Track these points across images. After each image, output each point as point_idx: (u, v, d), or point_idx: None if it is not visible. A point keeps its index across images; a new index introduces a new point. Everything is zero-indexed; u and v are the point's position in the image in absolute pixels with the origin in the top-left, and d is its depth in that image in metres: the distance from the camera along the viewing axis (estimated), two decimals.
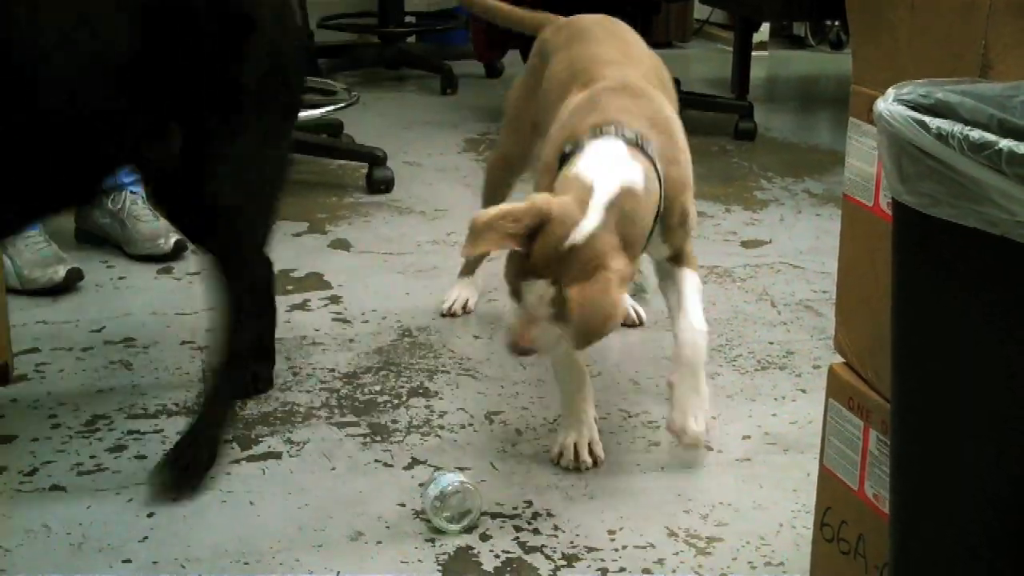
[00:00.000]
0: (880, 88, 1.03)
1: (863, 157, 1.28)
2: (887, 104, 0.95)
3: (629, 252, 1.64)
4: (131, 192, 2.75)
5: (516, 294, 1.66)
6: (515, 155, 2.25)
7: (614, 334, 2.33)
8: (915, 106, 0.95)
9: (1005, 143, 0.84)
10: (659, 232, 1.77)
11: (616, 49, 2.00)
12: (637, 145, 1.71)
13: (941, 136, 0.88)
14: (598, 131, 1.72)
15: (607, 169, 1.67)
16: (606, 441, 1.91)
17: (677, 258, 1.87)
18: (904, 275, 0.99)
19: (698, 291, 1.88)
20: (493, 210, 1.65)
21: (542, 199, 1.64)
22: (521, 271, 1.64)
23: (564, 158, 1.74)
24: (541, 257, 1.61)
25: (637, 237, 1.67)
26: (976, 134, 0.86)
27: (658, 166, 1.73)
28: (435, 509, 1.63)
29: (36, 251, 2.51)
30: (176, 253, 2.69)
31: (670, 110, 1.88)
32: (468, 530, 1.64)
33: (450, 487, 1.64)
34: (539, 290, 1.62)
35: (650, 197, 1.70)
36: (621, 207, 1.64)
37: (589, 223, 1.61)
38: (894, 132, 0.93)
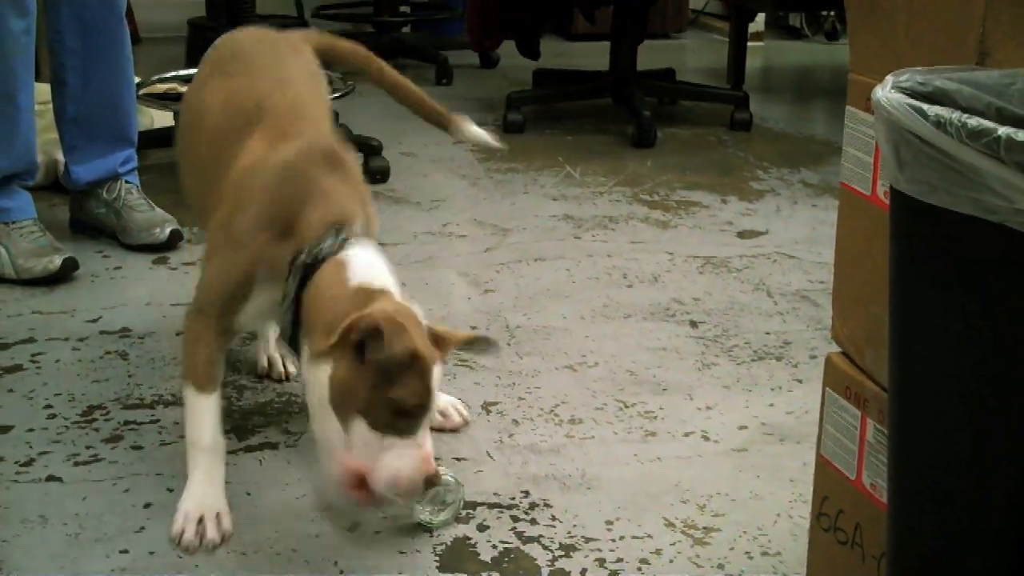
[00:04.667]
0: (878, 76, 1.02)
1: (860, 146, 1.27)
2: (885, 92, 0.95)
3: None
4: (126, 182, 2.75)
5: (400, 415, 1.47)
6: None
7: (610, 325, 2.33)
8: (913, 94, 0.95)
9: (1003, 130, 0.84)
10: None
11: (288, 81, 1.81)
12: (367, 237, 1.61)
13: (939, 123, 0.88)
14: (338, 233, 1.56)
15: (384, 275, 1.56)
16: (603, 432, 1.91)
17: None
18: (901, 263, 0.99)
19: None
20: (394, 325, 1.44)
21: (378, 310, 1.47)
22: (416, 380, 1.46)
23: (308, 268, 1.55)
24: (428, 348, 1.48)
25: None
26: (974, 121, 0.86)
27: None
28: (417, 502, 1.61)
29: (32, 241, 2.50)
30: (172, 243, 2.68)
31: (355, 161, 1.75)
32: (448, 523, 1.63)
33: None
34: (438, 379, 1.50)
35: None
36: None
37: (409, 304, 1.53)
38: (892, 120, 0.93)
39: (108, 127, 2.70)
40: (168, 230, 2.68)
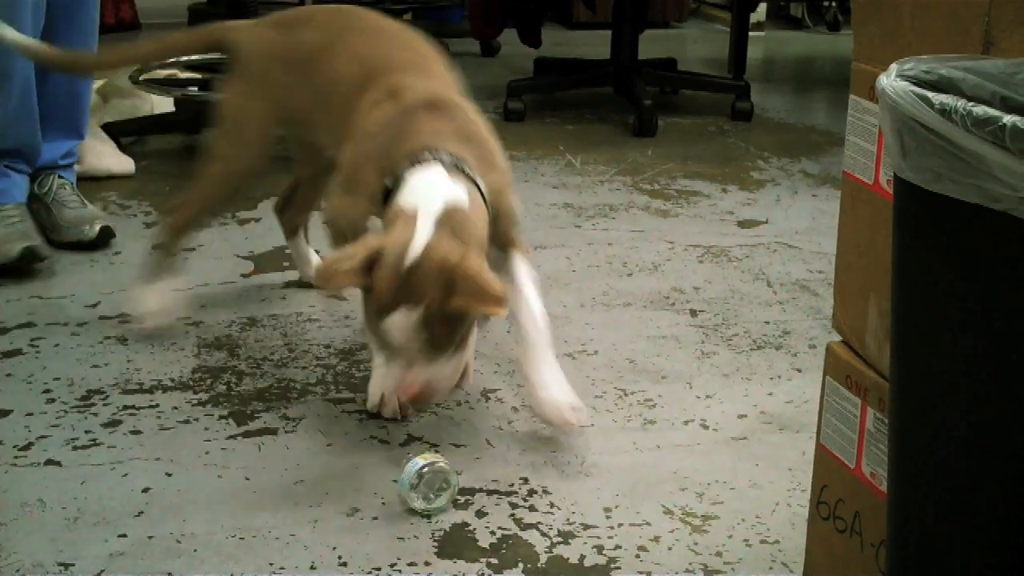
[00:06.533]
0: (882, 65, 1.02)
1: (863, 134, 1.27)
2: (890, 80, 0.95)
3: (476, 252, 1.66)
4: (60, 177, 2.65)
5: (382, 342, 1.66)
6: (243, 168, 2.14)
7: (610, 313, 2.33)
8: (918, 82, 0.95)
9: (1009, 119, 0.83)
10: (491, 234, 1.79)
11: (402, 48, 1.97)
12: (455, 167, 1.71)
13: (944, 112, 0.88)
14: (415, 159, 1.72)
15: (429, 193, 1.67)
16: (602, 420, 1.91)
17: (507, 246, 1.85)
18: (905, 252, 0.99)
19: (530, 274, 1.86)
20: (333, 255, 1.67)
21: (373, 238, 1.67)
22: (375, 313, 1.63)
23: (387, 194, 1.73)
24: (387, 288, 1.60)
25: (474, 244, 1.67)
26: (980, 110, 0.85)
27: (478, 182, 1.73)
28: (411, 490, 1.61)
29: (8, 226, 2.45)
30: (102, 240, 2.59)
31: (476, 115, 1.88)
32: (443, 510, 1.63)
33: (425, 468, 1.62)
34: (400, 322, 1.61)
35: (477, 211, 1.70)
36: (450, 221, 1.65)
37: (420, 238, 1.62)
38: (896, 108, 0.92)
39: (61, 117, 2.62)
40: (98, 227, 2.57)
